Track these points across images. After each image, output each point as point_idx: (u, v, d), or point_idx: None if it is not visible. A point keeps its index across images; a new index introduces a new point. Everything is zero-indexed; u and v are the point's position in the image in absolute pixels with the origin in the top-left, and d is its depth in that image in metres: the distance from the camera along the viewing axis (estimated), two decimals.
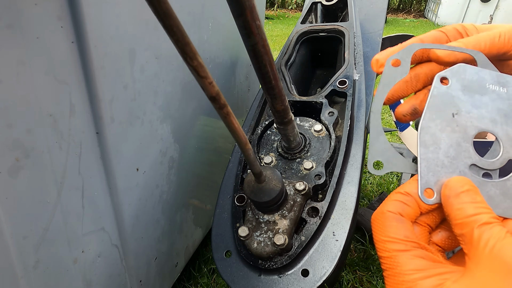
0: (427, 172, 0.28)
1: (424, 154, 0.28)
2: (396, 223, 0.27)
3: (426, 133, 0.29)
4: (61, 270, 0.41)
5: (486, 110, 0.29)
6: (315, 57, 0.86)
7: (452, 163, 0.28)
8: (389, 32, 2.80)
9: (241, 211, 0.51)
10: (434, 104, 0.29)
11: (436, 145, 0.28)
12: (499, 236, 0.23)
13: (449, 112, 0.29)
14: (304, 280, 0.45)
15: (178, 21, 0.23)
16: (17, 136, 0.33)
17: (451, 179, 0.27)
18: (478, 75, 0.30)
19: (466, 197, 0.26)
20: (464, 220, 0.25)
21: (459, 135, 0.29)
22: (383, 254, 0.27)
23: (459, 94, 0.30)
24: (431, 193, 0.27)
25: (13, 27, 0.30)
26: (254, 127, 0.62)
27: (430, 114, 0.29)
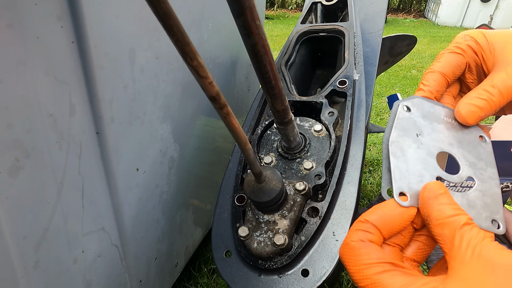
0: (399, 178, 0.30)
1: (396, 163, 0.31)
2: (365, 249, 0.27)
3: (396, 147, 0.32)
4: (61, 270, 0.41)
5: (444, 135, 0.34)
6: (315, 57, 0.86)
7: (420, 173, 0.31)
8: (389, 32, 2.80)
9: (241, 211, 0.51)
10: (400, 124, 0.33)
11: (404, 157, 0.31)
12: (479, 237, 0.25)
13: (414, 132, 0.33)
14: (304, 280, 0.45)
15: (178, 21, 0.23)
16: (17, 136, 0.33)
17: (430, 183, 0.29)
18: (433, 108, 0.35)
19: (444, 199, 0.27)
20: (445, 220, 0.26)
21: (424, 151, 0.32)
22: (365, 283, 0.26)
23: (420, 120, 0.34)
24: (404, 197, 0.29)
25: (13, 27, 0.30)
26: (254, 127, 0.62)
27: (398, 132, 0.33)
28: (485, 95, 0.32)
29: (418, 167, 0.31)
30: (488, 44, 0.34)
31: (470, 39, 0.35)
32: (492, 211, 0.30)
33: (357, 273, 0.27)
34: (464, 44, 0.35)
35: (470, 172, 0.32)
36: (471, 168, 0.33)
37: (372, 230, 0.28)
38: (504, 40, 0.34)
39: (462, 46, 0.35)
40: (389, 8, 7.35)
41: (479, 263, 0.23)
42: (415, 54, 3.40)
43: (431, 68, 0.36)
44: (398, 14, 7.40)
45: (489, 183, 0.32)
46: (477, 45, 0.35)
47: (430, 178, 0.31)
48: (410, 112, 0.34)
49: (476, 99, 0.33)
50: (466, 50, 0.35)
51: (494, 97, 0.32)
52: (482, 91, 0.32)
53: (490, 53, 0.34)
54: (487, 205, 0.31)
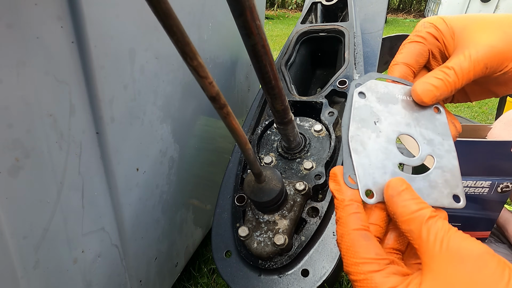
0: (363, 176, 0.30)
1: (358, 160, 0.31)
2: (365, 242, 0.27)
3: (356, 141, 0.32)
4: (61, 270, 0.41)
5: (400, 116, 0.34)
6: (315, 57, 0.86)
7: (383, 164, 0.31)
8: (389, 32, 2.80)
9: (241, 211, 0.51)
10: (357, 115, 0.33)
11: (366, 151, 0.31)
12: (444, 229, 0.25)
13: (371, 120, 0.33)
14: (304, 280, 0.45)
15: (178, 21, 0.23)
16: (17, 136, 0.33)
17: (391, 180, 0.29)
18: (387, 88, 0.35)
19: (406, 195, 0.28)
20: (410, 216, 0.26)
21: (383, 139, 0.32)
22: (358, 277, 0.26)
23: (376, 105, 0.34)
24: (371, 194, 0.30)
25: (13, 27, 0.30)
26: (254, 127, 0.62)
27: (356, 124, 0.33)
28: (441, 75, 0.32)
29: (379, 158, 0.31)
30: (448, 29, 0.35)
31: (430, 26, 0.35)
32: (452, 187, 0.31)
33: (353, 266, 0.27)
34: (424, 32, 0.35)
35: (429, 150, 0.33)
36: (429, 146, 0.33)
37: (359, 209, 0.29)
38: (462, 24, 0.34)
39: (422, 34, 0.35)
40: (389, 8, 7.35)
41: (448, 255, 0.24)
42: None
43: (394, 61, 0.36)
44: (398, 14, 7.40)
45: (447, 157, 0.32)
46: (437, 31, 0.35)
47: (393, 167, 0.31)
48: (365, 98, 0.34)
49: (432, 78, 0.33)
50: (427, 38, 0.35)
51: (449, 78, 0.32)
52: (439, 71, 0.33)
53: (451, 38, 0.35)
54: (447, 181, 0.31)
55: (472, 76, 0.32)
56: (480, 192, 0.76)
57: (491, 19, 0.33)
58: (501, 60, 0.31)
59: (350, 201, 0.29)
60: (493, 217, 0.80)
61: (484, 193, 0.76)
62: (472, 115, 2.09)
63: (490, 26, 0.33)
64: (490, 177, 0.75)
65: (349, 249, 0.28)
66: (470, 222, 0.82)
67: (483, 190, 0.76)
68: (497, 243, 0.84)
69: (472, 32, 0.33)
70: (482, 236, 0.85)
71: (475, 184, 0.76)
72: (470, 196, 0.77)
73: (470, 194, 0.77)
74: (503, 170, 0.74)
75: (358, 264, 0.27)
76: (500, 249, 0.80)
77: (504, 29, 0.32)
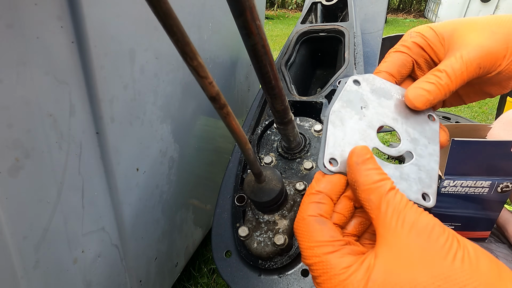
0: (333, 145, 0.30)
1: (332, 131, 0.31)
2: (320, 226, 0.27)
3: (337, 116, 0.32)
4: (61, 270, 0.41)
5: (390, 111, 0.34)
6: (315, 57, 0.86)
7: (357, 142, 0.31)
8: (389, 32, 2.80)
9: (241, 211, 0.51)
10: (345, 96, 0.33)
11: (343, 126, 0.31)
12: (402, 203, 0.26)
13: (358, 105, 0.33)
14: (304, 280, 0.45)
15: (178, 21, 0.23)
16: (17, 136, 0.33)
17: (357, 147, 0.29)
18: (385, 85, 0.35)
19: (370, 164, 0.28)
20: (371, 186, 0.27)
21: (365, 123, 0.32)
22: (313, 261, 0.27)
23: (368, 94, 0.34)
24: (334, 163, 0.30)
25: (13, 27, 0.30)
26: (254, 127, 0.62)
27: (342, 103, 0.33)
28: (433, 78, 0.32)
29: (355, 136, 0.31)
30: (437, 36, 0.35)
31: (416, 35, 0.35)
32: (424, 185, 0.31)
33: (308, 249, 0.27)
34: (410, 42, 0.35)
35: (409, 147, 0.32)
36: (411, 144, 0.32)
37: (325, 200, 0.29)
38: (451, 29, 0.34)
39: (407, 44, 0.35)
40: (389, 8, 7.35)
41: (404, 229, 0.24)
42: None
43: (377, 69, 0.36)
44: (398, 14, 7.40)
45: (427, 159, 0.32)
46: (424, 39, 0.35)
47: None
48: (359, 85, 0.34)
49: (424, 83, 0.33)
50: (412, 48, 0.35)
51: (442, 80, 0.32)
52: (430, 75, 0.33)
53: (440, 44, 0.34)
54: (421, 179, 0.31)
55: (466, 77, 0.32)
56: (480, 192, 0.76)
57: (478, 21, 0.34)
58: (493, 60, 0.31)
59: (317, 192, 0.29)
60: (493, 217, 0.80)
61: (484, 193, 0.76)
62: (472, 115, 2.09)
63: (478, 27, 0.33)
64: (490, 177, 0.75)
65: (304, 234, 0.28)
66: (470, 222, 0.82)
67: (483, 190, 0.76)
68: (497, 243, 0.84)
69: (462, 35, 0.33)
70: (482, 236, 0.85)
71: (475, 184, 0.76)
72: (470, 196, 0.77)
73: (470, 194, 0.77)
74: (503, 170, 0.74)
75: (313, 248, 0.27)
76: (500, 249, 0.80)
77: (492, 29, 0.32)
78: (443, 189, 0.77)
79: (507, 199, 0.77)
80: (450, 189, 0.77)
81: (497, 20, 0.33)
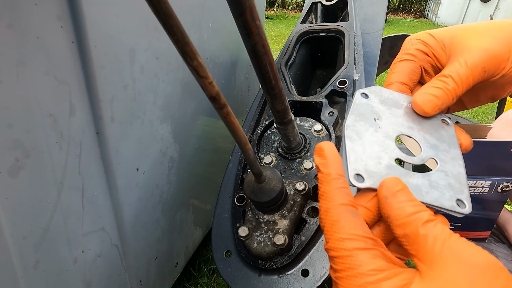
0: (354, 161, 0.29)
1: (351, 146, 0.30)
2: (353, 218, 0.25)
3: (352, 130, 0.31)
4: (61, 270, 0.41)
5: (403, 119, 0.33)
6: (315, 57, 0.86)
7: (378, 155, 0.30)
8: (389, 32, 2.80)
9: (241, 211, 0.51)
10: (357, 110, 0.33)
11: (361, 140, 0.31)
12: (445, 233, 0.23)
13: (371, 117, 0.33)
14: (304, 280, 0.45)
15: (178, 21, 0.23)
16: (17, 136, 0.33)
17: (386, 180, 0.27)
18: (393, 95, 0.34)
19: (402, 196, 0.26)
20: (406, 219, 0.24)
21: (382, 134, 0.32)
22: (340, 253, 0.24)
23: (378, 105, 0.34)
24: (360, 179, 0.28)
25: (13, 27, 0.30)
26: (254, 127, 0.62)
27: (354, 117, 0.32)
28: (440, 84, 0.32)
29: (375, 149, 0.30)
30: (437, 42, 0.34)
31: (417, 42, 0.35)
32: (456, 191, 0.29)
33: (337, 241, 0.25)
34: (413, 49, 0.35)
35: (431, 154, 0.31)
36: (432, 150, 0.32)
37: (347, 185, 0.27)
38: (450, 35, 0.34)
39: (411, 51, 0.35)
40: (389, 8, 7.35)
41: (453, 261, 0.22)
42: None
43: (388, 81, 0.36)
44: (398, 14, 7.40)
45: (452, 163, 0.31)
46: (426, 46, 0.35)
47: (389, 160, 0.30)
48: (367, 98, 0.34)
49: (431, 88, 0.32)
50: (416, 54, 0.35)
51: (448, 85, 0.31)
52: (436, 81, 0.32)
53: (441, 50, 0.34)
54: (451, 185, 0.29)
55: (472, 81, 0.32)
56: (480, 192, 0.76)
57: (478, 26, 0.34)
58: (498, 62, 0.31)
59: (337, 175, 0.27)
60: (493, 217, 0.80)
61: (484, 193, 0.76)
62: (472, 115, 2.09)
63: (479, 32, 0.33)
64: (490, 177, 0.75)
65: (334, 224, 0.25)
66: (470, 222, 0.82)
67: (483, 190, 0.76)
68: (497, 243, 0.84)
69: (463, 40, 0.33)
70: (482, 236, 0.85)
71: (475, 184, 0.76)
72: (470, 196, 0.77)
73: (470, 194, 0.77)
74: (503, 170, 0.74)
75: (344, 239, 0.24)
76: (500, 249, 0.80)
77: (493, 33, 0.32)
78: None
79: (507, 199, 0.77)
80: None
81: (497, 25, 0.33)
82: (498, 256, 0.76)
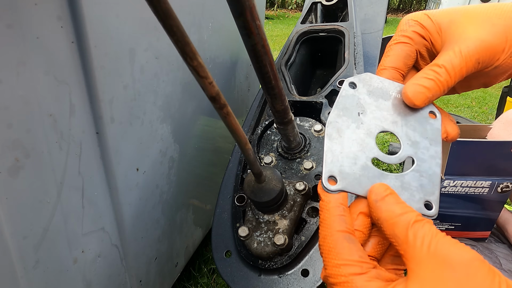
0: (330, 162, 0.29)
1: (329, 145, 0.30)
2: (348, 244, 0.26)
3: (333, 127, 0.31)
4: (61, 270, 0.41)
5: (388, 113, 0.32)
6: (315, 57, 0.86)
7: (355, 155, 0.30)
8: (389, 32, 2.80)
9: (241, 211, 0.51)
10: (342, 103, 0.32)
11: (341, 138, 0.30)
12: (431, 233, 0.24)
13: (355, 111, 0.32)
14: (304, 280, 0.45)
15: (178, 21, 0.23)
16: (17, 136, 0.33)
17: (375, 185, 0.28)
18: (382, 83, 0.33)
19: (391, 199, 0.27)
20: (395, 219, 0.25)
21: (363, 131, 0.31)
22: (338, 280, 0.25)
23: (365, 97, 0.33)
24: (333, 182, 0.29)
25: (13, 27, 0.30)
26: (254, 127, 0.62)
27: (338, 111, 0.32)
28: (432, 74, 0.31)
29: (353, 148, 0.30)
30: (434, 26, 0.33)
31: (415, 24, 0.34)
32: (426, 193, 0.29)
33: (334, 267, 0.26)
34: (410, 31, 0.34)
35: (410, 152, 0.31)
36: (412, 148, 0.31)
37: (346, 213, 0.28)
38: (448, 19, 0.33)
39: (408, 34, 0.34)
40: (389, 8, 7.35)
41: (437, 261, 0.23)
42: None
43: (382, 65, 0.35)
44: (398, 14, 7.40)
45: (429, 162, 0.31)
46: (423, 28, 0.33)
47: (365, 160, 0.30)
48: (355, 88, 0.33)
49: (423, 79, 0.31)
50: (413, 37, 0.34)
51: (441, 77, 0.30)
52: (429, 71, 0.31)
53: (437, 34, 0.33)
54: (423, 186, 0.29)
55: (465, 72, 0.31)
56: (480, 192, 0.76)
57: (478, 11, 0.32)
58: (492, 54, 0.30)
59: (336, 204, 0.28)
60: (493, 217, 0.80)
61: (484, 193, 0.76)
62: (472, 115, 2.09)
63: (478, 18, 0.31)
64: (490, 177, 0.75)
65: (331, 251, 0.26)
66: (470, 222, 0.82)
67: (483, 190, 0.76)
68: (497, 243, 0.84)
69: (460, 26, 0.32)
70: (482, 236, 0.85)
71: (475, 184, 0.76)
72: (470, 196, 0.77)
73: (470, 194, 0.77)
74: (503, 170, 0.74)
75: (340, 266, 0.25)
76: (500, 249, 0.80)
77: (493, 21, 0.31)
78: (443, 189, 0.77)
79: (507, 199, 0.77)
80: (450, 189, 0.77)
81: (497, 9, 0.31)
82: (498, 256, 0.76)
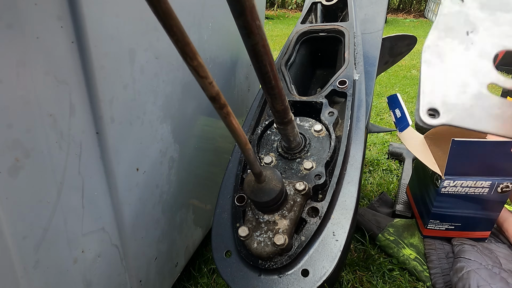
0: (430, 92, 0.24)
1: (427, 73, 0.25)
2: None
3: (432, 52, 0.26)
4: (61, 270, 0.41)
5: (511, 28, 0.26)
6: (315, 57, 0.86)
7: (464, 82, 0.24)
8: (389, 32, 2.79)
9: (241, 211, 0.51)
10: (443, 22, 0.26)
11: (443, 64, 0.25)
12: None
13: (462, 30, 0.26)
14: (304, 280, 0.45)
15: (178, 21, 0.23)
16: (17, 136, 0.33)
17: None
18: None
19: None
20: None
21: (475, 52, 0.25)
22: None
23: (476, 12, 0.27)
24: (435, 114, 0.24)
25: (13, 27, 0.30)
26: (254, 127, 0.62)
27: (438, 33, 0.26)
28: None
29: (462, 74, 0.24)
30: None
31: None
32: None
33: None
34: None
35: None
36: None
37: None
38: None
39: None
40: (389, 8, 7.35)
41: None
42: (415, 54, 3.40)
43: None
44: (398, 14, 7.40)
45: None
46: None
47: (478, 87, 0.24)
48: (462, 2, 0.27)
49: None
50: None
51: None
52: None
53: None
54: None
55: None
56: (480, 192, 0.76)
57: None
58: None
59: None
60: (493, 217, 0.80)
61: (484, 193, 0.76)
62: None
63: None
64: (490, 177, 0.75)
65: None
66: (470, 222, 0.82)
67: (483, 190, 0.76)
68: (497, 243, 0.84)
69: None
70: (482, 236, 0.85)
71: (475, 184, 0.76)
72: (470, 196, 0.77)
73: (470, 194, 0.77)
74: (503, 170, 0.74)
75: None
76: (500, 249, 0.80)
77: None
78: (443, 189, 0.77)
79: (507, 199, 0.77)
80: (450, 189, 0.77)
81: None
82: (498, 256, 0.76)
